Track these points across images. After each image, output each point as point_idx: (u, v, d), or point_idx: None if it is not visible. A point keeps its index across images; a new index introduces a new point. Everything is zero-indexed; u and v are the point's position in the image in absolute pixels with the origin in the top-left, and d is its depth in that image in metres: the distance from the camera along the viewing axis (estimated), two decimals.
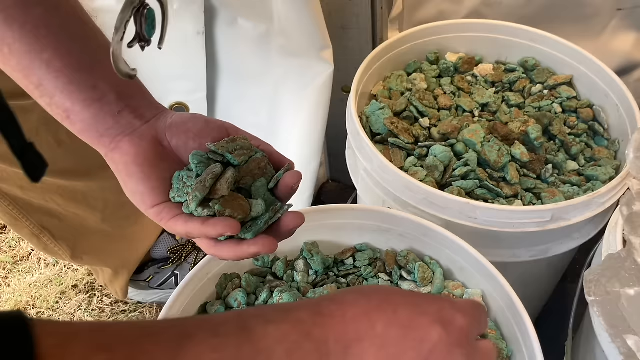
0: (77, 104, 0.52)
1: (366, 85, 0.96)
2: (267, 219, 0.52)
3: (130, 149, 0.53)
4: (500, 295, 0.67)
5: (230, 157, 0.53)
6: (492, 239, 0.79)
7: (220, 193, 0.51)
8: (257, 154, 0.55)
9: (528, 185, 0.84)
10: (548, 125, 0.91)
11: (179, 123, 0.54)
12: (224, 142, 0.53)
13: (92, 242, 1.06)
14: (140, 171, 0.52)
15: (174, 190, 0.53)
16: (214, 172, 0.52)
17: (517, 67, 1.02)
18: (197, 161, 0.53)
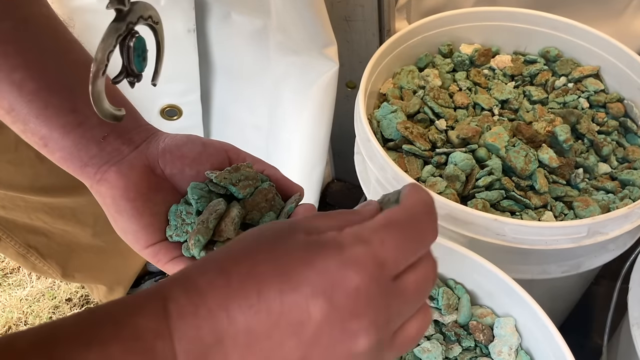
0: (54, 131, 0.45)
1: (374, 83, 0.88)
2: None
3: (118, 180, 0.45)
4: (536, 325, 0.60)
5: (234, 190, 0.46)
6: (520, 255, 0.71)
7: (226, 235, 0.44)
8: (264, 183, 0.48)
9: (558, 194, 0.76)
10: (575, 123, 0.83)
11: (172, 147, 0.47)
12: (226, 173, 0.46)
13: (84, 259, 0.99)
14: (132, 207, 0.45)
15: (170, 228, 0.46)
16: (217, 211, 0.45)
17: (537, 58, 0.94)
18: (198, 196, 0.46)
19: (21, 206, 0.86)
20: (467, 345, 0.62)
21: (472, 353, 0.62)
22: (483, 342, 0.62)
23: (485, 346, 0.62)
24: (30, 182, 0.83)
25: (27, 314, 1.18)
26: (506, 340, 0.61)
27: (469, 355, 0.61)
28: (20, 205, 0.86)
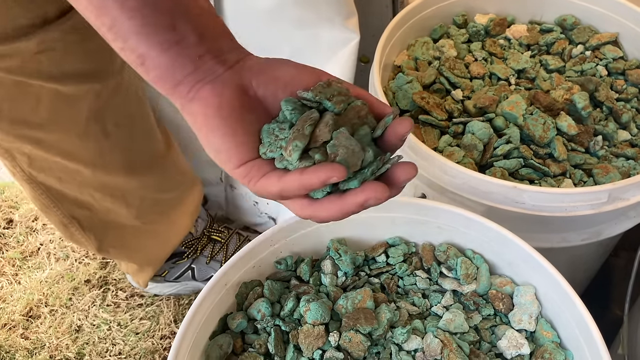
0: (152, 48, 0.45)
1: (388, 56, 0.87)
2: (374, 168, 0.44)
3: (212, 98, 0.45)
4: (556, 292, 0.59)
5: (329, 105, 0.45)
6: (540, 224, 0.70)
7: (322, 139, 0.44)
8: (357, 101, 0.47)
9: (577, 161, 0.75)
10: (594, 91, 0.81)
11: (266, 69, 0.47)
12: (320, 87, 0.45)
13: (121, 236, 1.00)
14: (225, 125, 0.45)
15: (264, 146, 0.45)
16: (312, 117, 0.44)
17: (554, 27, 0.92)
18: (291, 107, 0.45)
19: (76, 180, 0.87)
20: (487, 314, 0.61)
21: (492, 321, 0.61)
22: (503, 311, 0.61)
23: (505, 315, 0.62)
24: (93, 157, 0.85)
25: (47, 295, 1.19)
26: (526, 308, 0.60)
27: (489, 323, 0.61)
28: (75, 179, 0.87)
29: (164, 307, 1.14)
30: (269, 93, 0.46)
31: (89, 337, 1.10)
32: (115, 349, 1.08)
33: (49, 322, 1.12)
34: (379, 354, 0.58)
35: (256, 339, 0.59)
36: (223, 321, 0.60)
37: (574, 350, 0.58)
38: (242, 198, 1.21)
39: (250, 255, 0.62)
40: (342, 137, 0.44)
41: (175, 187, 1.01)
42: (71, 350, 1.07)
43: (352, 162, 0.43)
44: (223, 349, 0.57)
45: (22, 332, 1.09)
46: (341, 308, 0.59)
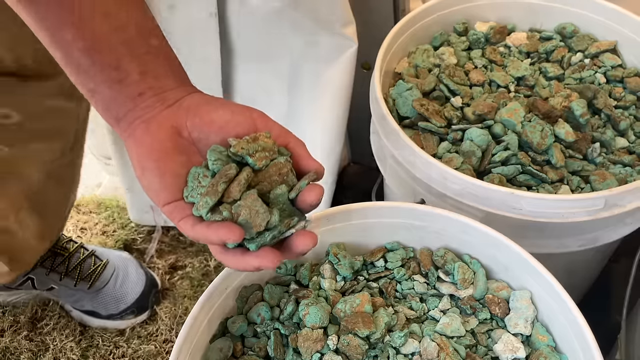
0: (99, 85, 0.49)
1: (389, 63, 0.88)
2: (275, 234, 0.47)
3: (145, 138, 0.48)
4: (552, 297, 0.60)
5: (251, 161, 0.48)
6: (537, 230, 0.71)
7: (232, 196, 0.46)
8: (280, 157, 0.49)
9: (574, 168, 0.76)
10: (592, 98, 0.82)
11: (202, 112, 0.49)
12: (244, 142, 0.47)
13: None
14: (154, 166, 0.47)
15: (187, 189, 0.48)
16: (228, 174, 0.47)
17: (553, 35, 0.93)
18: (215, 158, 0.47)
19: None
20: (483, 318, 0.62)
21: (489, 325, 0.62)
22: (499, 315, 0.62)
23: (501, 319, 0.62)
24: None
25: None
26: (522, 312, 0.61)
27: (486, 327, 0.62)
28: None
29: (164, 312, 1.14)
30: (202, 136, 0.49)
31: (92, 340, 1.11)
32: (119, 351, 1.09)
33: (53, 325, 1.13)
34: (377, 357, 0.59)
35: (256, 342, 0.60)
36: (223, 325, 0.61)
37: (568, 353, 0.59)
38: None
39: None
40: (250, 198, 0.46)
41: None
42: (75, 352, 1.09)
43: (255, 223, 0.46)
44: (223, 352, 0.58)
45: (26, 334, 1.11)
46: (340, 312, 0.60)
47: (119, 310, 1.11)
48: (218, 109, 0.49)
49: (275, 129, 0.50)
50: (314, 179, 0.49)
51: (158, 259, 1.23)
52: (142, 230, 1.27)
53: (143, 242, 1.26)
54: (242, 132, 0.49)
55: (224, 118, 0.48)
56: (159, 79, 0.49)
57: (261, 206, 0.46)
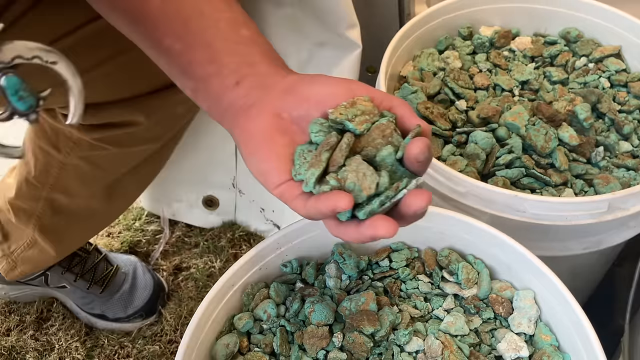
0: (199, 82, 0.51)
1: (394, 66, 0.89)
2: (383, 199, 0.44)
3: (248, 125, 0.49)
4: (555, 296, 0.61)
5: (350, 126, 0.46)
6: (540, 232, 0.72)
7: (336, 164, 0.45)
8: (382, 119, 0.47)
9: (578, 171, 0.76)
10: (596, 102, 0.83)
11: (298, 90, 0.49)
12: (342, 108, 0.46)
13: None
14: (260, 152, 0.48)
15: (295, 168, 0.47)
16: (330, 142, 0.46)
17: (558, 39, 0.94)
18: (316, 130, 0.47)
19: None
20: (487, 317, 0.63)
21: (492, 325, 0.63)
22: (502, 314, 0.63)
23: (504, 319, 0.63)
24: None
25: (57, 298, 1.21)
26: (525, 312, 0.62)
27: (489, 326, 0.62)
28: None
29: (169, 312, 1.15)
30: (302, 114, 0.48)
31: (97, 340, 1.12)
32: (124, 351, 1.10)
33: (58, 325, 1.13)
34: (381, 354, 0.60)
35: (262, 339, 0.61)
36: (230, 321, 0.62)
37: (572, 353, 0.59)
38: (250, 205, 1.23)
39: (257, 258, 0.63)
40: (355, 162, 0.45)
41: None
42: (80, 352, 1.09)
43: (364, 186, 0.43)
44: (229, 348, 0.59)
45: (32, 333, 1.11)
46: (345, 310, 0.61)
47: (127, 314, 1.12)
48: (314, 84, 0.49)
49: (376, 94, 0.49)
50: (418, 131, 0.46)
51: (163, 260, 1.23)
52: (147, 231, 1.28)
53: (147, 243, 1.27)
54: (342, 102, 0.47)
55: (321, 92, 0.48)
56: (253, 66, 0.50)
57: (367, 168, 0.44)
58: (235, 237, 1.25)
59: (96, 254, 1.13)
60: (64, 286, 1.10)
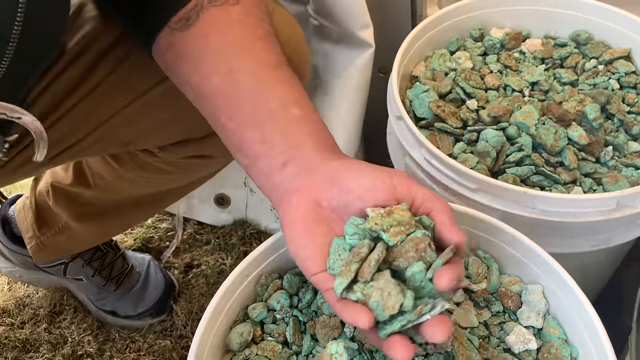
0: (250, 159, 0.53)
1: (406, 66, 0.90)
2: (404, 323, 0.45)
3: (290, 210, 0.50)
4: (563, 291, 0.62)
5: (385, 237, 0.46)
6: (549, 229, 0.73)
7: (364, 278, 0.45)
8: (417, 232, 0.46)
9: (587, 170, 0.77)
10: (605, 103, 0.84)
11: (340, 182, 0.49)
12: (378, 217, 0.46)
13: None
14: (300, 240, 0.50)
15: (329, 261, 0.48)
16: (360, 253, 0.46)
17: (568, 42, 0.95)
18: (352, 232, 0.47)
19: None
20: (496, 311, 0.64)
21: (501, 318, 0.64)
22: (511, 308, 0.64)
23: (513, 312, 0.64)
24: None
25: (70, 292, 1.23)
26: (534, 305, 0.63)
27: (498, 319, 0.63)
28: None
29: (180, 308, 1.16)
30: (342, 205, 0.49)
31: (109, 334, 1.13)
32: (135, 345, 1.11)
33: (70, 319, 1.15)
34: None
35: (275, 328, 0.62)
36: (244, 311, 0.63)
37: (579, 346, 0.60)
38: (261, 203, 1.24)
39: (271, 250, 0.65)
40: (382, 279, 0.45)
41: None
42: (92, 345, 1.11)
43: (387, 305, 0.44)
44: (243, 336, 0.60)
45: (45, 326, 1.13)
46: None
47: (137, 312, 1.13)
48: (357, 177, 0.49)
49: (418, 195, 0.49)
50: (451, 255, 0.46)
51: (174, 257, 1.25)
52: (160, 229, 1.30)
53: (159, 240, 1.29)
54: (382, 200, 0.48)
55: (363, 186, 0.48)
56: (300, 149, 0.51)
57: (394, 288, 0.44)
58: (246, 235, 1.26)
59: (116, 251, 1.15)
60: (81, 279, 1.12)
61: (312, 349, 0.60)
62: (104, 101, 0.68)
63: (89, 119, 0.69)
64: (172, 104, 0.70)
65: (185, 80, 0.56)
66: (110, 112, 0.70)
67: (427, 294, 0.46)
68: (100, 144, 0.74)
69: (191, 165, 0.85)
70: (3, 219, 1.10)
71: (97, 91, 0.67)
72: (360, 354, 0.59)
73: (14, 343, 1.10)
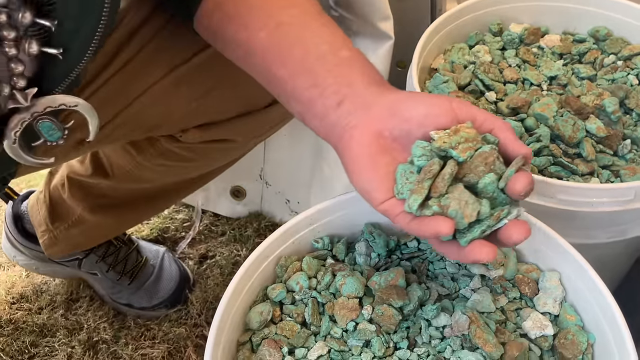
0: (305, 105, 0.54)
1: (425, 59, 0.91)
2: (484, 228, 0.47)
3: (351, 145, 0.52)
4: (580, 277, 0.62)
5: (454, 154, 0.48)
6: (566, 219, 0.73)
7: (439, 192, 0.47)
8: (485, 146, 0.48)
9: (605, 162, 0.78)
10: (624, 98, 0.84)
11: (399, 111, 0.51)
12: (445, 136, 0.48)
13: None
14: (364, 171, 0.51)
15: (397, 187, 0.50)
16: (432, 170, 0.48)
17: (587, 38, 0.95)
18: (419, 154, 0.49)
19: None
20: (513, 297, 0.64)
21: (518, 304, 0.64)
22: (528, 294, 0.64)
23: (530, 299, 0.64)
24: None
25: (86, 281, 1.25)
26: (551, 292, 0.63)
27: (515, 305, 0.64)
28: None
29: (195, 297, 1.17)
30: (403, 133, 0.51)
31: (124, 322, 1.14)
32: (150, 333, 1.13)
33: (87, 306, 1.16)
34: (409, 328, 0.62)
35: (294, 309, 0.63)
36: (264, 291, 0.64)
37: (596, 333, 0.60)
38: (276, 196, 1.25)
39: (291, 232, 0.66)
40: (457, 190, 0.47)
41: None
42: (108, 332, 1.12)
43: (465, 214, 0.46)
44: (263, 315, 0.61)
45: (62, 312, 1.15)
46: (374, 284, 0.63)
47: (151, 304, 1.15)
48: (415, 105, 0.51)
49: (478, 116, 0.51)
50: (522, 164, 0.48)
51: (189, 248, 1.26)
52: (176, 220, 1.31)
53: (175, 230, 1.30)
54: (443, 124, 0.49)
55: (422, 113, 0.50)
56: (354, 87, 0.53)
57: (470, 197, 0.47)
58: (261, 227, 1.27)
59: (129, 245, 1.17)
60: (95, 273, 1.13)
61: (330, 330, 0.61)
62: (131, 80, 0.69)
63: (117, 100, 0.71)
64: (199, 84, 0.71)
65: (232, 39, 0.58)
66: (137, 92, 0.71)
67: (499, 204, 0.48)
68: (126, 128, 0.75)
69: (212, 150, 0.86)
70: (15, 216, 1.12)
71: (124, 70, 0.68)
72: (378, 336, 0.60)
73: (31, 327, 1.11)
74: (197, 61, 0.65)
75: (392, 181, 0.50)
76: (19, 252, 1.13)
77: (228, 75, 0.74)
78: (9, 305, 1.16)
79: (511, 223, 0.48)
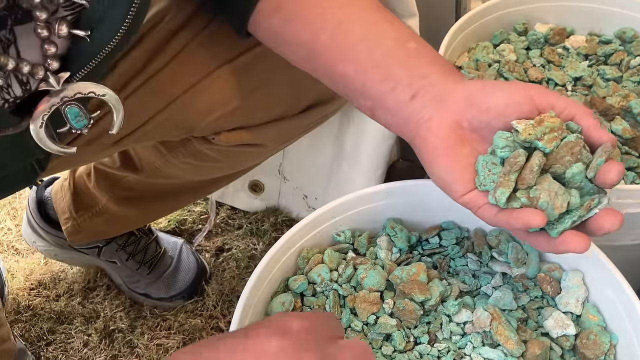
0: (375, 101, 0.53)
1: (450, 57, 0.91)
2: (575, 219, 0.46)
3: (429, 137, 0.51)
4: (602, 276, 0.62)
5: (540, 145, 0.47)
6: None
7: (527, 183, 0.47)
8: (571, 135, 0.47)
9: (630, 164, 0.77)
10: None
11: (477, 101, 0.50)
12: (530, 127, 0.47)
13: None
14: (443, 163, 0.50)
15: (479, 178, 0.49)
16: (518, 162, 0.47)
17: (613, 39, 0.95)
18: (502, 145, 0.48)
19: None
20: (535, 296, 0.64)
21: (539, 303, 0.64)
22: (550, 294, 0.64)
23: (552, 298, 0.64)
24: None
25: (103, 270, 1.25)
26: (573, 292, 0.63)
27: (536, 304, 0.63)
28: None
29: (211, 289, 1.18)
30: (482, 124, 0.50)
31: (140, 312, 1.15)
32: (165, 324, 1.13)
33: (104, 295, 1.17)
34: (430, 324, 0.61)
35: (315, 300, 0.63)
36: (285, 282, 0.64)
37: (619, 333, 0.60)
38: (294, 192, 1.25)
39: (313, 224, 0.66)
40: (546, 181, 0.46)
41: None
42: (124, 321, 1.13)
43: (556, 205, 0.46)
44: (285, 305, 0.62)
45: (80, 300, 1.16)
46: (396, 278, 0.63)
47: (169, 295, 1.15)
48: (493, 94, 0.49)
49: (558, 103, 0.49)
50: (610, 152, 0.47)
51: (206, 241, 1.27)
52: (193, 212, 1.32)
53: (192, 222, 1.31)
54: (523, 112, 0.48)
55: (501, 103, 0.49)
56: (426, 78, 0.52)
57: (559, 187, 0.46)
58: (278, 221, 1.28)
59: (149, 236, 1.17)
60: (114, 262, 1.14)
61: (351, 323, 0.61)
62: (172, 80, 0.70)
63: (158, 99, 0.71)
64: (241, 85, 0.71)
65: (294, 40, 0.57)
66: (178, 92, 0.71)
67: (586, 193, 0.47)
68: (165, 128, 0.75)
69: (241, 154, 0.86)
70: (39, 201, 1.13)
71: (165, 69, 0.68)
72: (399, 330, 0.60)
73: (49, 314, 1.12)
74: (240, 62, 0.65)
75: (473, 173, 0.49)
76: (39, 237, 1.14)
77: (271, 78, 0.74)
78: (27, 291, 1.17)
79: (602, 212, 0.47)
